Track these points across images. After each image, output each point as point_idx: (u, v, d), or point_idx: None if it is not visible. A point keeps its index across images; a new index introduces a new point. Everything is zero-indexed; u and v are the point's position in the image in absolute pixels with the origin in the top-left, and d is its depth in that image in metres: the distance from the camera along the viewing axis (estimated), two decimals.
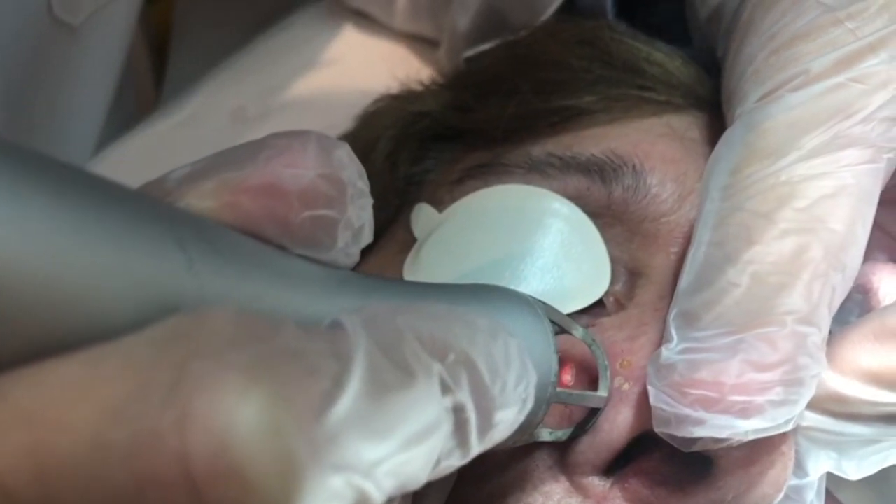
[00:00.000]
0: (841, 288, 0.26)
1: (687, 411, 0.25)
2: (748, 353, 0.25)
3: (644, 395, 0.27)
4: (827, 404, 0.27)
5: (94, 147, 0.54)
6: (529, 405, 0.20)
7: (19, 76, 0.43)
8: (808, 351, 0.25)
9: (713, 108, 0.33)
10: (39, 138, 0.50)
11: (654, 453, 0.27)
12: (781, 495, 0.28)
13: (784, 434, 0.26)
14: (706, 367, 0.25)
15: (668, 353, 0.26)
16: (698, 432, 0.25)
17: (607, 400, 0.27)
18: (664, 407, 0.25)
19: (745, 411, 0.25)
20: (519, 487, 0.28)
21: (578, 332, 0.27)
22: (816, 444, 0.28)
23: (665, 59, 0.35)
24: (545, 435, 0.27)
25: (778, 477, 0.27)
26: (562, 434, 0.27)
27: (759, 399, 0.24)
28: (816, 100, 0.26)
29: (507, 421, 0.19)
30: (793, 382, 0.25)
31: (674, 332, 0.26)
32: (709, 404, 0.25)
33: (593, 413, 0.27)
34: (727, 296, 0.25)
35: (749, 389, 0.24)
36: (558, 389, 0.25)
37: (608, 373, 0.27)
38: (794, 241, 0.25)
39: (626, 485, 0.27)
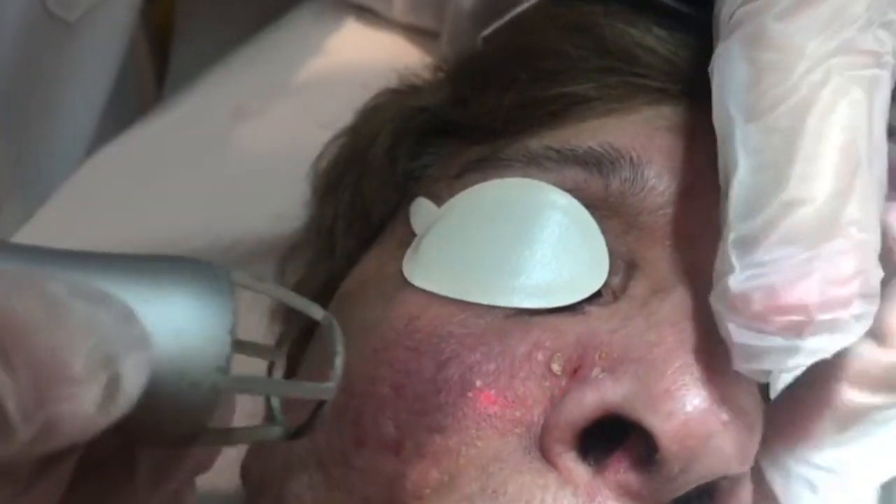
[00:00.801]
0: (881, 194, 0.26)
1: (778, 342, 0.24)
2: (824, 270, 0.24)
3: (612, 385, 0.27)
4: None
5: (89, 145, 0.54)
6: (131, 388, 0.18)
7: (12, 71, 0.43)
8: (874, 260, 0.25)
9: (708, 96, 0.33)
10: (32, 135, 0.49)
11: (627, 439, 0.27)
12: (737, 463, 0.27)
13: (722, 402, 0.26)
14: (787, 291, 0.24)
15: (736, 283, 0.25)
16: (794, 361, 0.25)
17: (334, 391, 0.24)
18: (753, 342, 0.25)
19: (833, 328, 0.24)
20: (514, 482, 0.27)
21: (318, 313, 0.25)
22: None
23: (659, 44, 0.35)
24: (266, 432, 0.24)
25: (721, 446, 0.26)
26: (279, 431, 0.24)
27: (845, 314, 0.24)
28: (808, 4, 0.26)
29: (80, 404, 0.17)
30: (868, 293, 0.24)
31: (734, 261, 0.25)
32: (800, 329, 0.24)
33: (321, 406, 0.25)
34: (787, 215, 0.25)
35: (834, 306, 0.24)
36: (241, 376, 0.21)
37: (340, 360, 0.25)
38: (835, 152, 0.25)
39: (605, 473, 0.27)
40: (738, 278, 0.25)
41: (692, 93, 0.34)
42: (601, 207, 0.31)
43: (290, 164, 0.46)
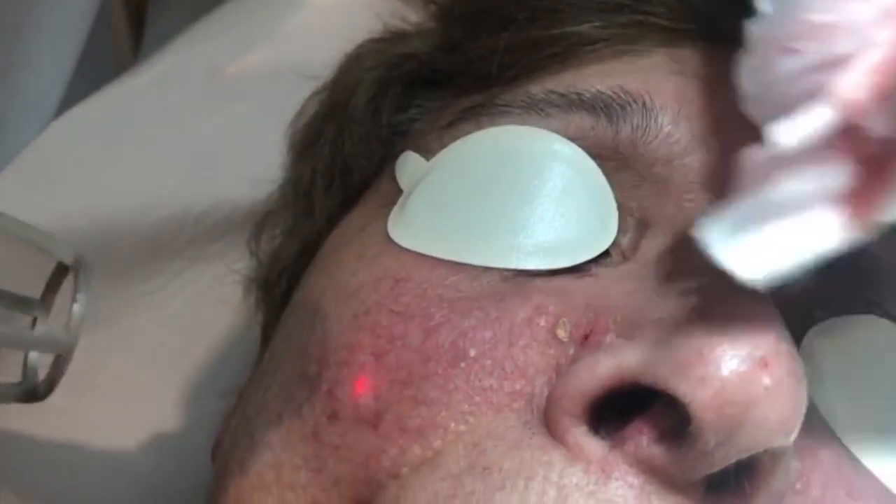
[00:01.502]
0: None
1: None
2: None
3: (629, 349, 0.23)
4: None
5: (57, 106, 0.51)
6: None
7: None
8: None
9: (726, 40, 0.30)
10: None
11: (647, 410, 0.24)
12: (782, 434, 0.23)
13: (765, 366, 0.22)
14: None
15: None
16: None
17: (71, 347, 0.21)
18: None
19: None
20: (512, 459, 0.24)
21: (67, 254, 0.22)
22: None
23: None
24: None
25: (764, 415, 0.22)
26: (16, 390, 0.21)
27: None
28: None
29: None
30: None
31: None
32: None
33: (58, 361, 0.21)
34: None
35: None
36: None
37: (79, 309, 0.21)
38: None
39: (625, 448, 0.23)
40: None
41: (709, 35, 0.30)
42: (609, 158, 0.28)
43: (267, 125, 0.44)
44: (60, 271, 0.24)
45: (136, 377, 0.45)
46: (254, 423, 0.29)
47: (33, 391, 0.21)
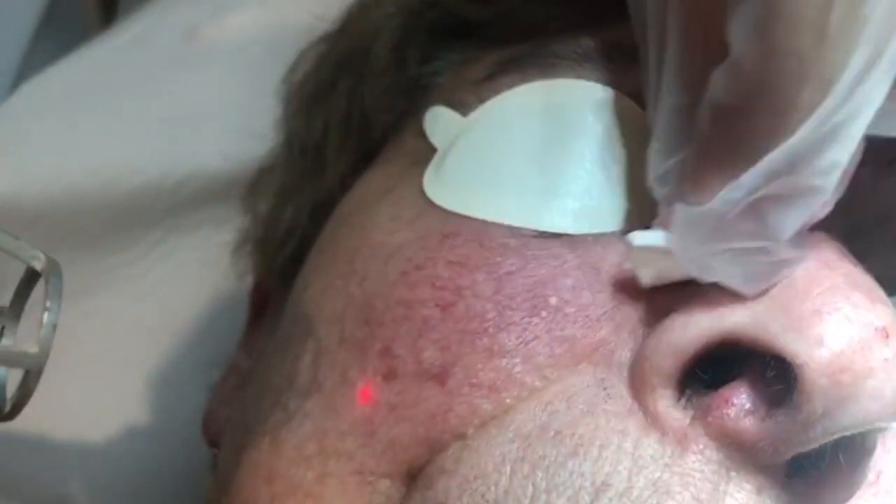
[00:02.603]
0: None
1: None
2: None
3: (731, 303, 0.21)
4: None
5: (16, 72, 0.49)
6: None
7: None
8: None
9: None
10: None
11: (738, 377, 0.22)
12: (894, 413, 0.21)
13: (885, 336, 0.20)
14: None
15: None
16: None
17: (41, 364, 0.19)
18: None
19: None
20: (586, 425, 0.22)
21: (37, 260, 0.20)
22: None
23: None
24: None
25: (881, 388, 0.20)
26: None
27: None
28: None
29: None
30: None
31: None
32: None
33: (27, 378, 0.19)
34: None
35: None
36: None
37: (49, 318, 0.20)
38: None
39: (709, 418, 0.21)
40: None
41: None
42: None
43: (248, 89, 0.42)
44: (31, 277, 0.22)
45: (111, 353, 0.43)
46: (286, 393, 0.26)
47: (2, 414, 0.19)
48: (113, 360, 0.43)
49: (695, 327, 0.22)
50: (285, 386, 0.27)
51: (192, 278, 0.45)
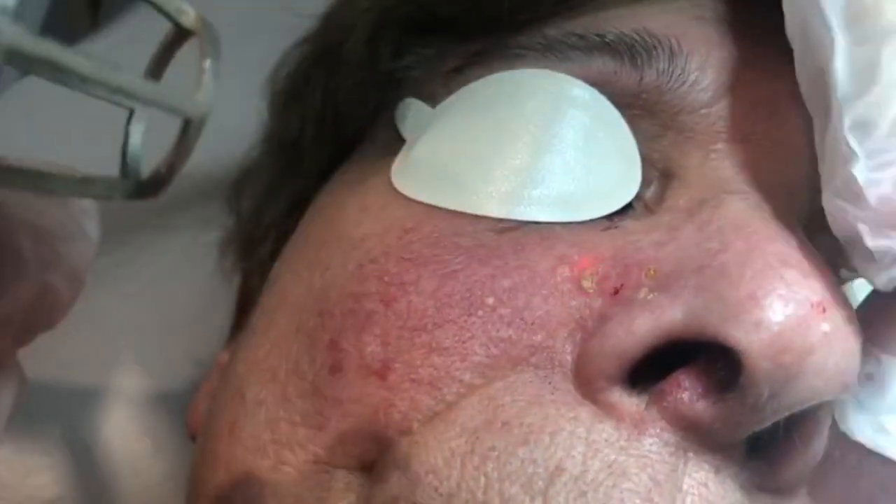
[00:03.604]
0: None
1: None
2: None
3: (668, 303, 0.22)
4: None
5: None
6: None
7: None
8: None
9: None
10: None
11: (689, 364, 0.22)
12: (839, 386, 0.21)
13: (822, 311, 0.21)
14: None
15: (863, 172, 0.20)
16: None
17: (205, 113, 0.17)
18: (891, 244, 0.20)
19: None
20: (534, 414, 0.22)
21: (188, 18, 0.17)
22: None
23: None
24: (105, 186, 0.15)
25: (823, 363, 0.21)
26: (127, 186, 0.16)
27: None
28: None
29: None
30: None
31: (855, 147, 0.20)
32: None
33: (186, 132, 0.17)
34: None
35: None
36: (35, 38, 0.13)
37: (210, 65, 0.17)
38: None
39: (664, 403, 0.22)
40: (862, 168, 0.20)
41: None
42: (632, 106, 0.26)
43: (235, 86, 0.41)
44: (177, 37, 0.18)
45: (101, 353, 0.43)
46: (245, 382, 0.27)
47: (153, 180, 0.15)
48: (103, 360, 0.43)
49: (634, 330, 0.22)
50: (245, 374, 0.27)
51: (182, 279, 0.45)
